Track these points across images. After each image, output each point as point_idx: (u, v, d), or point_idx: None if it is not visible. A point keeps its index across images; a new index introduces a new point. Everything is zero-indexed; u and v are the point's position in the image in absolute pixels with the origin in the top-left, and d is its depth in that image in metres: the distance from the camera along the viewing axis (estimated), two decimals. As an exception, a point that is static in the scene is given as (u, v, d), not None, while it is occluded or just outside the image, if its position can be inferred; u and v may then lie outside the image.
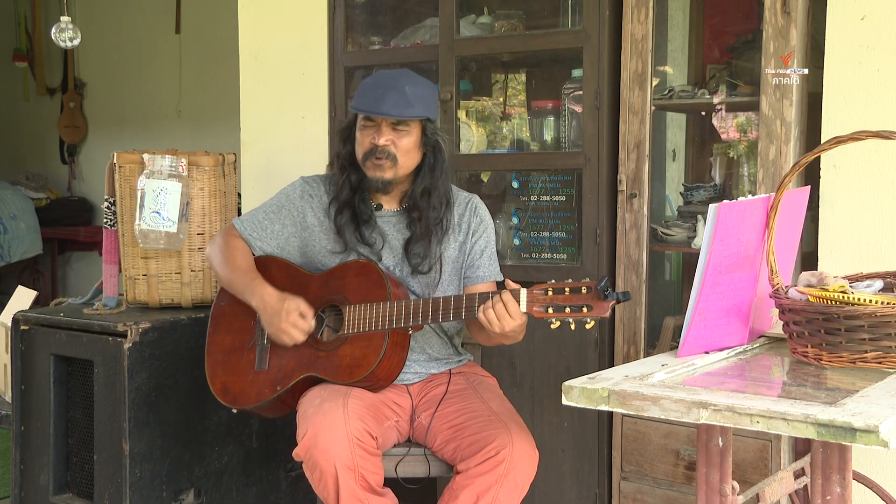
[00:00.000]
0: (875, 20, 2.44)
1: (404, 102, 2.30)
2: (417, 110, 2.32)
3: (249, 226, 2.48)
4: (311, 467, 2.13)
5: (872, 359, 1.76)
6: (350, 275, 2.35)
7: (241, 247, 2.47)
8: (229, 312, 2.50)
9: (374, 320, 2.27)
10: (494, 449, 2.16)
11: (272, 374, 2.37)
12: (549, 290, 2.09)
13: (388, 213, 2.45)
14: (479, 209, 2.49)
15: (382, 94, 2.30)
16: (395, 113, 2.30)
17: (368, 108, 2.31)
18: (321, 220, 2.45)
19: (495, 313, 2.12)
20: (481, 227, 2.47)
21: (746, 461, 2.53)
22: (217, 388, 2.45)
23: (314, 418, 2.15)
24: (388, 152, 2.33)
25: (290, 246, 2.48)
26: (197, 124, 6.48)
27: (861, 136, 1.76)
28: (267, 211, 2.49)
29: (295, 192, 2.49)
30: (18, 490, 3.00)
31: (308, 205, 2.47)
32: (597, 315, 2.05)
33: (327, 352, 2.32)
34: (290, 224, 2.47)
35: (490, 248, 2.48)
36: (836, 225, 2.52)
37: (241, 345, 2.45)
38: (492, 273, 2.46)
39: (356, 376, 2.27)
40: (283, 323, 2.28)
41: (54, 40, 4.52)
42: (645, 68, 2.73)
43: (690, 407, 1.56)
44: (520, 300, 2.11)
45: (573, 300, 2.06)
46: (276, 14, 3.53)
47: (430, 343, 2.45)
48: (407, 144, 2.35)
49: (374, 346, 2.27)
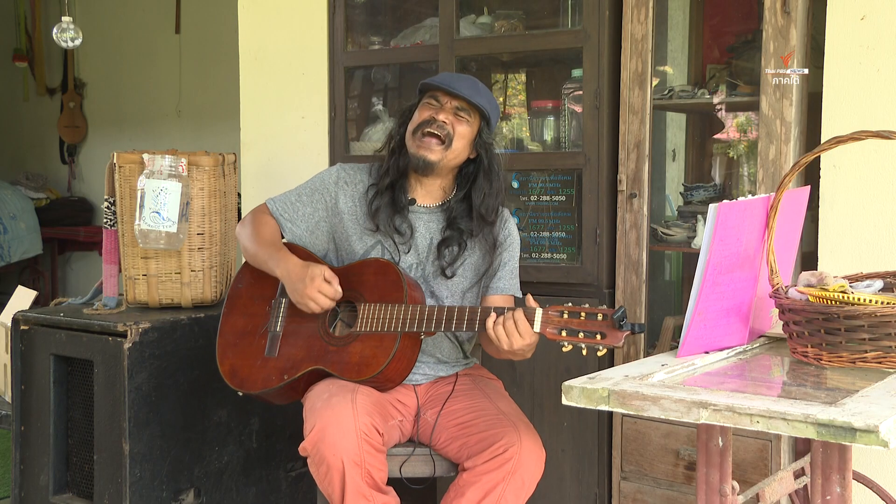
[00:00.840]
0: (875, 20, 2.44)
1: (476, 91, 2.35)
2: (486, 100, 2.37)
3: (282, 206, 2.49)
4: (318, 462, 2.12)
5: (872, 359, 1.76)
6: (369, 272, 2.35)
7: (271, 223, 2.48)
8: (246, 295, 2.49)
9: (387, 321, 2.26)
10: (502, 447, 2.16)
11: (281, 363, 2.37)
12: (565, 312, 2.09)
13: (421, 209, 2.44)
14: (508, 223, 2.48)
15: (458, 78, 2.38)
16: (467, 94, 2.33)
17: (442, 83, 2.35)
18: (351, 209, 2.45)
19: (505, 330, 2.12)
20: (508, 241, 2.46)
21: (746, 461, 2.53)
22: (225, 369, 2.44)
23: (323, 412, 2.14)
24: (445, 130, 2.33)
25: (320, 230, 2.48)
26: (197, 124, 6.48)
27: (861, 136, 1.76)
28: (300, 193, 2.50)
29: (330, 177, 2.49)
30: (18, 490, 3.00)
31: (342, 191, 2.46)
32: (610, 344, 2.04)
33: (338, 347, 2.32)
34: (321, 208, 2.47)
35: (513, 263, 2.47)
36: (836, 225, 2.52)
37: (253, 329, 2.44)
38: (510, 287, 2.45)
39: (364, 375, 2.27)
40: (307, 289, 2.27)
41: (55, 40, 4.52)
42: (645, 68, 2.74)
43: (690, 407, 1.56)
44: (534, 320, 2.11)
45: (588, 326, 2.06)
46: (276, 14, 3.53)
47: (440, 347, 2.45)
48: (463, 131, 2.36)
49: (385, 347, 2.26)
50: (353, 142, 3.40)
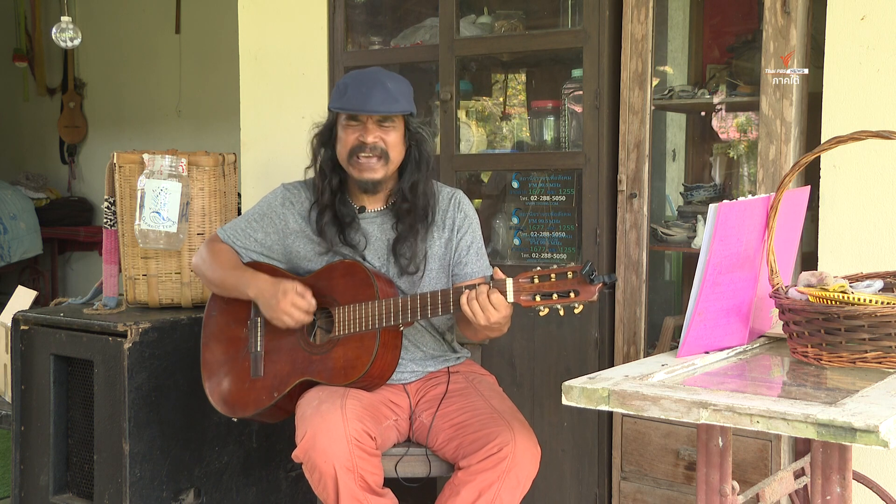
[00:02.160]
0: (875, 20, 2.44)
1: (390, 98, 2.30)
2: (403, 105, 2.33)
3: (233, 234, 2.49)
4: (311, 469, 2.13)
5: (872, 359, 1.76)
6: (337, 276, 2.35)
7: (227, 250, 2.48)
8: (221, 322, 2.50)
9: (363, 320, 2.26)
10: (497, 446, 2.16)
11: (268, 381, 2.38)
12: (535, 277, 2.08)
13: (372, 214, 2.44)
14: (462, 204, 2.47)
15: (367, 91, 2.29)
16: (384, 109, 2.29)
17: (355, 106, 2.30)
18: (302, 227, 2.45)
19: (479, 304, 2.11)
20: (466, 223, 2.45)
21: (746, 461, 2.53)
22: (215, 399, 2.45)
23: (312, 420, 2.15)
24: (379, 149, 2.32)
25: (274, 253, 2.48)
26: (197, 124, 6.48)
27: (861, 136, 1.76)
28: (249, 220, 2.50)
29: (276, 199, 2.49)
30: (18, 490, 3.00)
31: (289, 211, 2.46)
32: (584, 299, 2.04)
33: (320, 355, 2.32)
34: (272, 232, 2.47)
35: (477, 242, 2.46)
36: (836, 225, 2.52)
37: (234, 354, 2.45)
38: (480, 269, 2.44)
39: (351, 377, 2.27)
40: (281, 303, 2.28)
41: (55, 40, 4.52)
42: (645, 68, 2.73)
43: (690, 407, 1.56)
44: (506, 290, 2.10)
45: (560, 286, 2.05)
46: (276, 14, 3.53)
47: (423, 341, 2.44)
48: (394, 139, 2.35)
49: (366, 346, 2.27)
50: (353, 142, 3.40)
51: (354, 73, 2.41)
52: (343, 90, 2.33)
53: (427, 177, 2.41)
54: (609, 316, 2.84)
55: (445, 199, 2.47)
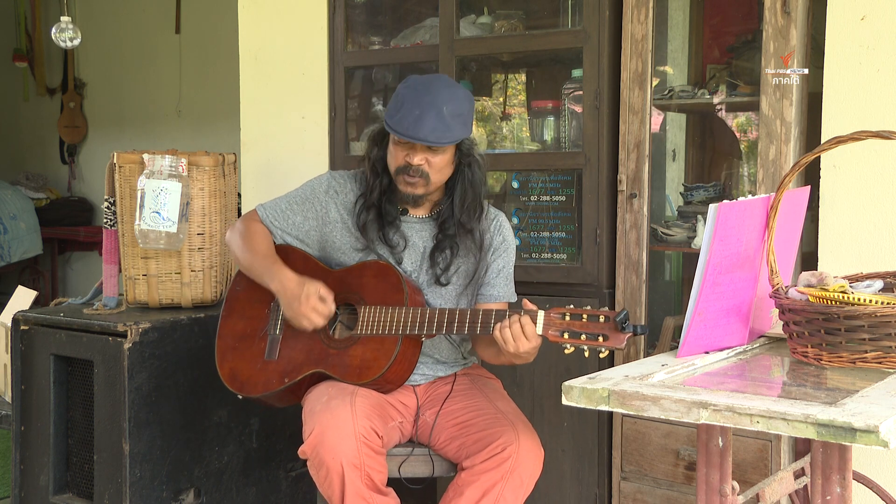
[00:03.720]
0: (875, 20, 2.44)
1: (443, 126, 2.24)
2: (455, 133, 2.27)
3: (272, 213, 2.47)
4: (318, 465, 2.12)
5: (872, 359, 1.76)
6: (368, 275, 2.34)
7: (263, 232, 2.46)
8: (244, 298, 2.48)
9: (388, 324, 2.25)
10: (501, 446, 2.16)
11: (281, 366, 2.37)
12: (567, 315, 2.08)
13: (414, 219, 2.43)
14: (503, 228, 2.46)
15: (420, 115, 2.23)
16: (433, 139, 2.24)
17: (406, 132, 2.24)
18: (343, 218, 2.43)
19: (511, 333, 2.12)
20: (503, 247, 2.45)
21: (746, 461, 2.53)
22: (225, 372, 2.43)
23: (322, 416, 2.14)
24: (421, 171, 2.29)
25: (310, 239, 2.46)
26: (197, 124, 6.48)
27: (861, 136, 1.76)
28: (291, 201, 2.48)
29: (321, 185, 2.47)
30: (18, 490, 3.00)
31: (332, 200, 2.44)
32: (612, 346, 2.04)
33: (338, 350, 2.32)
34: (312, 217, 2.45)
35: (508, 269, 2.45)
36: (836, 225, 2.52)
37: (252, 332, 2.44)
38: (506, 294, 2.44)
39: (365, 378, 2.26)
40: (302, 307, 2.27)
41: (54, 40, 4.53)
42: (645, 68, 2.73)
43: (690, 407, 1.56)
44: (536, 322, 2.11)
45: (590, 328, 2.06)
46: (276, 14, 3.53)
47: (439, 349, 2.44)
48: (441, 162, 2.31)
49: (386, 350, 2.26)
50: (353, 142, 3.40)
51: (414, 83, 2.32)
52: (399, 105, 2.27)
53: (478, 197, 2.38)
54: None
55: (489, 219, 2.45)
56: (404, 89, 2.30)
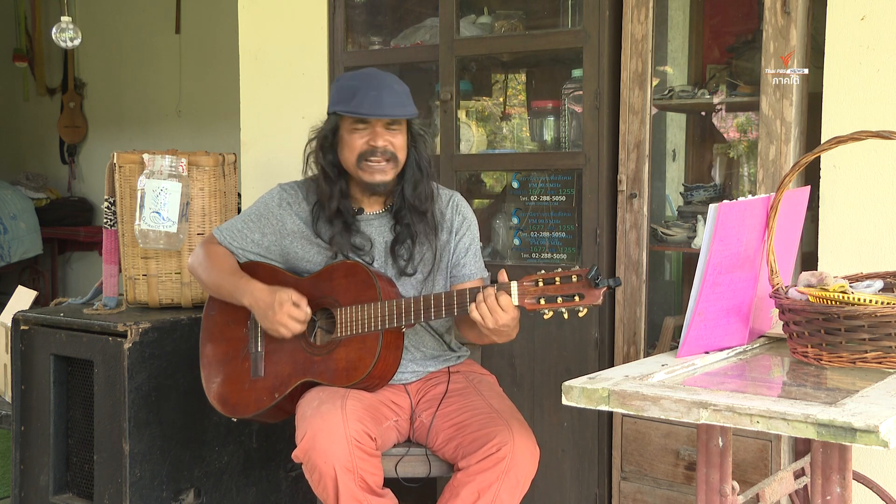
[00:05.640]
0: (875, 20, 2.44)
1: (399, 101, 2.30)
2: (411, 107, 2.33)
3: (230, 234, 2.48)
4: (311, 469, 2.13)
5: (872, 359, 1.76)
6: (338, 276, 2.34)
7: (224, 252, 2.47)
8: (220, 321, 2.49)
9: (366, 322, 2.26)
10: (496, 446, 2.16)
11: (269, 382, 2.37)
12: (540, 280, 2.08)
13: (371, 216, 2.43)
14: (461, 206, 2.47)
15: (377, 94, 2.27)
16: (398, 112, 2.28)
17: (371, 111, 2.27)
18: (300, 228, 2.44)
19: (487, 307, 2.11)
20: (465, 225, 2.45)
21: (746, 461, 2.53)
22: (215, 399, 2.44)
23: (312, 420, 2.15)
24: (389, 152, 2.31)
25: (272, 254, 2.47)
26: (197, 124, 6.48)
27: (861, 136, 1.76)
28: (246, 220, 2.48)
29: (273, 200, 2.47)
30: (18, 490, 3.00)
31: (286, 212, 2.45)
32: (589, 303, 2.04)
33: (322, 356, 2.32)
34: (269, 233, 2.46)
35: (475, 245, 2.46)
36: (836, 225, 2.52)
37: (234, 354, 2.44)
38: (477, 270, 2.45)
39: (353, 379, 2.27)
40: (277, 315, 2.27)
41: (54, 40, 4.52)
42: (645, 68, 2.73)
43: (690, 407, 1.56)
44: (511, 293, 2.10)
45: (564, 289, 2.05)
46: (276, 14, 3.53)
47: (423, 342, 2.44)
48: (401, 142, 2.34)
49: (369, 347, 2.26)
50: (353, 142, 3.40)
51: (355, 74, 2.38)
52: (351, 93, 2.30)
53: (427, 179, 2.41)
54: (609, 316, 2.85)
55: (444, 201, 2.46)
56: (348, 80, 2.34)
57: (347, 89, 2.32)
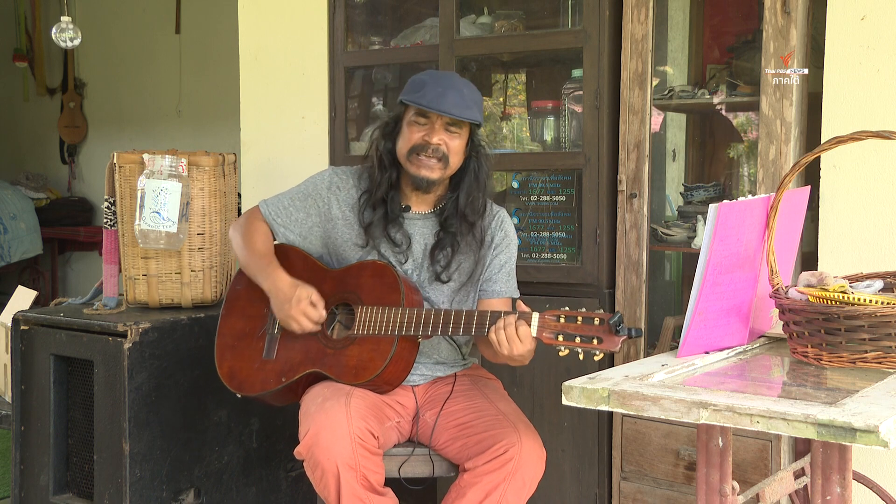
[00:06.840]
0: (875, 20, 2.44)
1: (463, 103, 2.29)
2: (474, 113, 2.32)
3: (275, 209, 2.47)
4: (313, 466, 2.13)
5: (872, 359, 1.76)
6: (366, 275, 2.34)
7: (263, 230, 2.46)
8: (245, 297, 2.48)
9: (384, 324, 2.25)
10: (503, 447, 2.16)
11: (279, 365, 2.37)
12: (562, 317, 2.08)
13: (416, 216, 2.42)
14: (504, 224, 2.46)
15: (443, 91, 2.28)
16: (457, 113, 2.28)
17: (430, 104, 2.27)
18: (345, 214, 2.43)
19: (506, 335, 2.12)
20: (504, 243, 2.45)
21: (746, 461, 2.53)
22: (223, 371, 2.44)
23: (316, 416, 2.14)
24: (440, 152, 2.31)
25: (313, 235, 2.46)
26: (197, 124, 6.48)
27: (861, 136, 1.76)
28: (293, 197, 2.48)
29: (323, 182, 2.47)
30: (18, 490, 3.00)
31: (334, 196, 2.44)
32: (606, 349, 2.03)
33: (335, 350, 2.32)
34: (314, 214, 2.45)
35: (510, 264, 2.45)
36: (836, 225, 2.52)
37: (251, 331, 2.44)
38: (508, 290, 2.44)
39: (361, 378, 2.26)
40: (292, 310, 2.28)
41: (54, 40, 4.53)
42: (645, 68, 2.73)
43: (690, 407, 1.56)
44: (531, 324, 2.11)
45: (584, 330, 2.05)
46: (276, 14, 3.53)
47: (438, 349, 2.44)
48: (457, 147, 2.33)
49: (382, 350, 2.26)
50: (353, 142, 3.40)
51: (432, 71, 2.41)
52: (420, 85, 2.31)
53: (483, 192, 2.40)
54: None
55: (490, 215, 2.45)
56: (423, 75, 2.36)
57: (418, 82, 2.34)
